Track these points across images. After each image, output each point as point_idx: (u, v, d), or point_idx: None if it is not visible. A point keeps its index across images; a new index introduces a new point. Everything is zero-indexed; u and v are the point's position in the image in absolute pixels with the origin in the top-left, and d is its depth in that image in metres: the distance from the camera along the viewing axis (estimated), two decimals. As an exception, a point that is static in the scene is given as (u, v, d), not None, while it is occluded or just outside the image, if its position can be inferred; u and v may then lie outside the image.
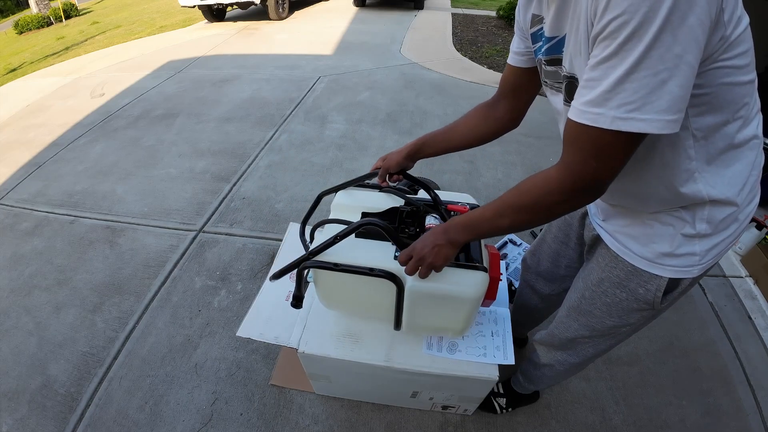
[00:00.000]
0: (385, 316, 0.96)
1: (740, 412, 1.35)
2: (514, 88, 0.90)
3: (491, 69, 4.16)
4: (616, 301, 0.77)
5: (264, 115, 3.27)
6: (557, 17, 0.61)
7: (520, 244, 1.92)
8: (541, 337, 1.06)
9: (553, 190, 0.57)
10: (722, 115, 0.56)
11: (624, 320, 0.80)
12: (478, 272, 0.85)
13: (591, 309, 0.83)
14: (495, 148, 2.65)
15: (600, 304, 0.80)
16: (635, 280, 0.72)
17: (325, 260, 0.84)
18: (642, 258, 0.70)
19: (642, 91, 0.45)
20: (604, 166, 0.52)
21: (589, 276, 0.83)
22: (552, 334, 1.00)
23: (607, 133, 0.48)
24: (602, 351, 0.94)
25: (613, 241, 0.76)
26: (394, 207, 1.00)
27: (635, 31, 0.43)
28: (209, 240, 2.04)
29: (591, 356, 0.97)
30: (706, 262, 0.67)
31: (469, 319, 0.91)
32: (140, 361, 1.51)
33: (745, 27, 0.51)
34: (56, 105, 3.75)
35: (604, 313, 0.81)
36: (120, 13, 9.47)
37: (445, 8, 7.13)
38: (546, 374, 1.12)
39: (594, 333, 0.87)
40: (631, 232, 0.72)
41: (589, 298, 0.82)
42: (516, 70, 0.85)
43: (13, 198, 2.46)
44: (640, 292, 0.73)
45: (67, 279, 1.86)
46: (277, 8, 6.24)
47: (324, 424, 1.31)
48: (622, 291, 0.75)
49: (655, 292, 0.71)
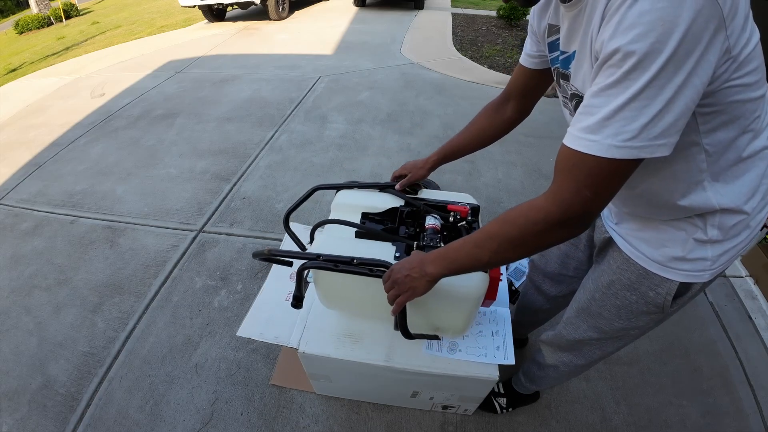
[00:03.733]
0: (385, 316, 0.96)
1: (740, 412, 1.35)
2: (524, 89, 0.90)
3: (491, 69, 4.16)
4: (626, 303, 0.77)
5: (264, 115, 3.27)
6: (569, 33, 0.61)
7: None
8: (548, 338, 1.05)
9: (539, 220, 0.55)
10: (733, 130, 0.56)
11: (633, 323, 0.80)
12: (479, 272, 0.85)
13: (600, 311, 0.83)
14: (495, 147, 2.63)
15: (610, 306, 0.80)
16: (646, 284, 0.72)
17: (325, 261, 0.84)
18: (654, 261, 0.70)
19: (639, 120, 0.45)
20: (596, 196, 0.52)
21: (599, 278, 0.83)
22: (559, 335, 0.99)
23: (602, 161, 0.48)
24: (608, 353, 0.94)
25: (626, 244, 0.75)
26: (394, 207, 1.00)
27: (640, 61, 0.43)
28: (209, 240, 2.04)
29: (597, 358, 0.97)
30: (717, 267, 0.67)
31: (469, 319, 0.91)
32: (140, 361, 1.51)
33: (755, 44, 0.50)
34: (56, 105, 3.75)
35: (614, 315, 0.81)
36: (120, 13, 9.47)
37: (446, 8, 7.13)
38: (550, 375, 1.12)
39: (602, 335, 0.87)
40: (644, 236, 0.72)
41: (599, 300, 0.82)
42: (527, 71, 0.85)
43: (14, 198, 2.46)
44: (651, 296, 0.73)
45: (68, 279, 1.86)
46: (278, 8, 6.24)
47: (324, 424, 1.31)
48: (632, 294, 0.75)
49: (665, 295, 0.71)
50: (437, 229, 0.94)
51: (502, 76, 3.93)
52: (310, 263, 0.84)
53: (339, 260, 0.83)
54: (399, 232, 0.98)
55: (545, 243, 0.59)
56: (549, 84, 0.87)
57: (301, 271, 0.85)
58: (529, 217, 0.57)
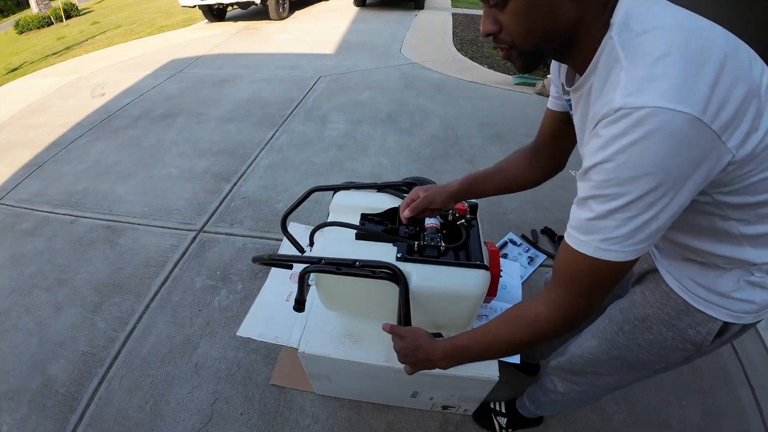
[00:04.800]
0: (387, 317, 0.97)
1: (740, 412, 1.35)
2: (554, 136, 0.85)
3: (492, 69, 4.16)
4: (659, 339, 0.72)
5: (264, 114, 3.27)
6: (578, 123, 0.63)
7: (521, 244, 1.92)
8: (559, 365, 0.98)
9: (547, 330, 0.60)
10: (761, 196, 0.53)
11: (661, 357, 0.76)
12: (480, 270, 0.85)
13: (629, 344, 0.77)
14: (495, 147, 2.66)
15: (641, 340, 0.75)
16: (686, 320, 0.68)
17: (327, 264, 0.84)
18: (698, 297, 0.66)
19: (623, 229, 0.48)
20: (594, 298, 0.55)
21: (631, 309, 0.77)
22: (573, 362, 0.92)
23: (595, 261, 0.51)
24: (623, 385, 0.89)
25: (670, 276, 0.70)
26: (394, 207, 1.00)
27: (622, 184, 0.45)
28: (209, 240, 2.04)
29: (611, 389, 0.92)
30: (762, 313, 0.64)
31: (471, 316, 0.91)
32: (140, 360, 1.51)
33: None
34: (56, 105, 3.75)
35: (643, 350, 0.76)
36: (120, 13, 9.48)
37: (446, 8, 7.13)
38: (557, 401, 1.06)
39: (624, 367, 0.82)
40: (690, 271, 0.67)
41: (628, 332, 0.77)
42: (555, 114, 0.81)
43: (14, 198, 2.46)
44: (690, 333, 0.68)
45: (68, 279, 1.86)
46: (278, 8, 6.23)
47: (324, 424, 1.31)
48: (669, 330, 0.71)
49: (705, 334, 0.67)
50: (437, 228, 0.94)
51: (502, 76, 3.93)
52: (312, 267, 0.84)
53: (341, 263, 0.82)
54: (399, 232, 0.98)
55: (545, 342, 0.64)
56: None
57: (303, 275, 0.85)
58: (535, 325, 0.61)
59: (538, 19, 0.51)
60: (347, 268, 0.82)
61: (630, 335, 0.77)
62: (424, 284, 0.83)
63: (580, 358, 0.90)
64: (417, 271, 0.85)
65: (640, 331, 0.75)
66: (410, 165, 2.55)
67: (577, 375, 0.94)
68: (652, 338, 0.73)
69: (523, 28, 0.52)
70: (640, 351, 0.77)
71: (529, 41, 0.54)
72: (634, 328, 0.76)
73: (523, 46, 0.55)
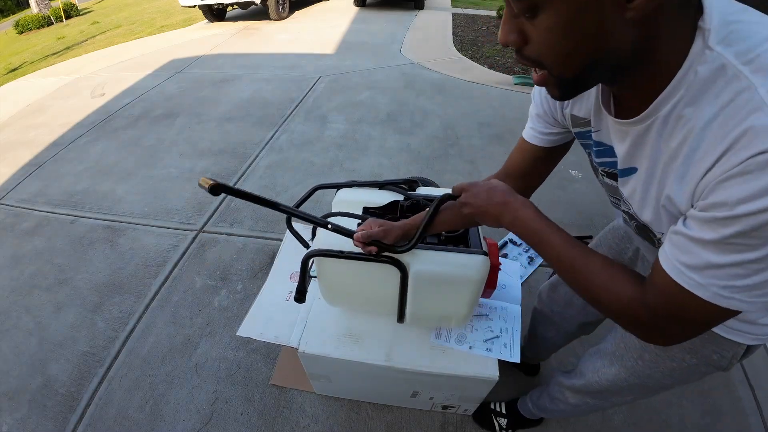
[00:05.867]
0: (388, 310, 0.97)
1: (740, 412, 1.35)
2: (526, 173, 0.74)
3: (492, 69, 4.16)
4: (683, 366, 0.70)
5: (264, 114, 3.27)
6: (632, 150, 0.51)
7: (521, 244, 1.92)
8: (573, 386, 0.95)
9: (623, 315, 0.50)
10: None
11: (683, 380, 0.73)
12: (480, 256, 0.85)
13: (650, 372, 0.75)
14: (495, 147, 2.66)
15: (663, 367, 0.73)
16: (710, 347, 0.66)
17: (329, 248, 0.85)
18: (725, 325, 0.62)
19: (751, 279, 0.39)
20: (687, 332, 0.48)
21: None
22: (590, 386, 0.89)
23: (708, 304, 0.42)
24: (639, 399, 0.87)
25: None
26: (395, 201, 1.01)
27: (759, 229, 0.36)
28: (209, 240, 2.04)
29: (625, 403, 0.90)
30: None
31: (471, 304, 0.91)
32: (140, 360, 1.51)
33: None
34: (56, 105, 3.75)
35: (665, 376, 0.74)
36: (120, 13, 9.47)
37: (446, 8, 7.13)
38: (565, 410, 1.05)
39: (644, 390, 0.81)
40: None
41: (649, 361, 0.74)
42: (534, 150, 0.70)
43: (14, 198, 2.46)
44: (714, 359, 0.66)
45: (68, 279, 1.86)
46: (278, 8, 6.23)
47: (324, 424, 1.31)
48: (693, 357, 0.68)
49: (731, 359, 0.65)
50: None
51: (502, 75, 3.93)
52: (315, 250, 0.85)
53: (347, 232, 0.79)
54: None
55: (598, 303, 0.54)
56: (556, 162, 0.73)
57: (306, 260, 0.86)
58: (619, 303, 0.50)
59: (581, 44, 0.39)
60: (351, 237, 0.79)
61: (651, 363, 0.74)
62: (424, 268, 0.84)
63: (597, 384, 0.87)
64: (417, 256, 0.86)
65: (662, 360, 0.72)
66: (410, 165, 2.55)
67: (593, 395, 0.92)
68: (674, 366, 0.71)
69: (560, 52, 0.40)
70: (662, 377, 0.74)
71: (570, 69, 0.42)
72: (655, 357, 0.73)
73: (561, 73, 0.43)
